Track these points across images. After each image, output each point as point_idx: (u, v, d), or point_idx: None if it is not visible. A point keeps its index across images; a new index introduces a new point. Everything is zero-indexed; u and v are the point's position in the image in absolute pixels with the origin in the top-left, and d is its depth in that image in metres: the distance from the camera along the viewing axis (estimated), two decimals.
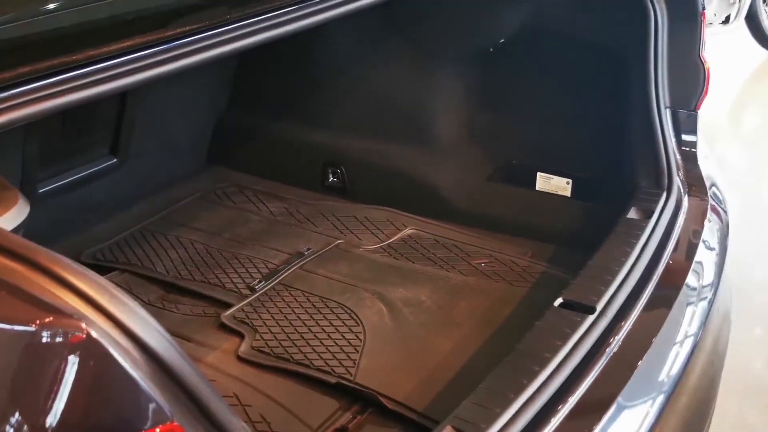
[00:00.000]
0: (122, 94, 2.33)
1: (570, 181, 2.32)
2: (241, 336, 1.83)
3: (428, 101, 2.40)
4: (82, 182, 2.39)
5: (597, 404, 1.38)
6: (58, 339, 0.73)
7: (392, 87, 2.43)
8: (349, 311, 1.89)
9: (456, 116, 2.41)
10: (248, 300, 1.96)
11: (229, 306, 1.95)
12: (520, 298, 1.94)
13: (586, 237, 1.92)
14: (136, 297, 2.03)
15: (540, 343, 1.46)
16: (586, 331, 1.49)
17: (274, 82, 2.64)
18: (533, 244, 2.17)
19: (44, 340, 0.73)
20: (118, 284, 2.06)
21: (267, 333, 1.83)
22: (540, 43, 2.26)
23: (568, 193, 2.32)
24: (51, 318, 0.75)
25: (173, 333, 1.87)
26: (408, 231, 2.28)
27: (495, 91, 2.37)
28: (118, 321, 0.81)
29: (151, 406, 0.74)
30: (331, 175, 2.54)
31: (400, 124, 2.43)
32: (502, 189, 2.34)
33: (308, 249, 2.19)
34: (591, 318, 1.51)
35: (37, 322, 0.73)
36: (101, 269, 2.15)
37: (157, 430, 0.73)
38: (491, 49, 2.32)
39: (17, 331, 0.74)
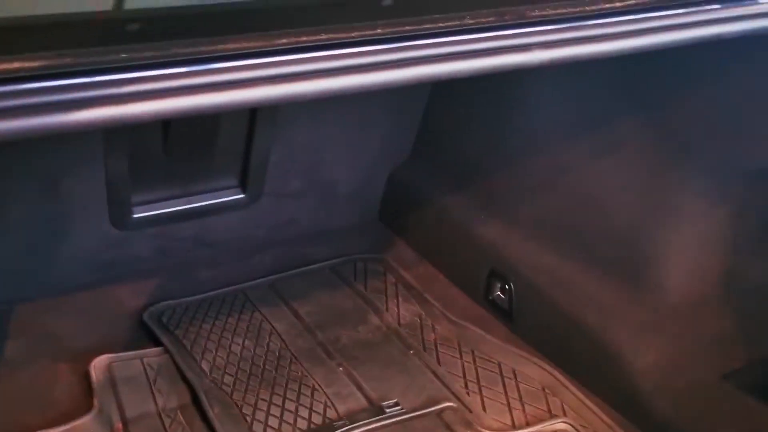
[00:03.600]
0: (251, 120, 1.81)
1: None
2: None
3: (661, 227, 1.51)
4: (197, 215, 1.93)
5: None
6: None
7: (612, 191, 1.58)
8: None
9: (700, 260, 1.48)
10: None
11: None
12: None
13: None
14: (153, 396, 1.50)
15: None
16: None
17: (461, 143, 1.93)
18: None
19: None
20: (147, 369, 1.56)
21: None
22: None
23: None
24: None
25: None
26: (559, 424, 1.44)
27: None
28: None
29: None
30: (497, 289, 1.76)
31: (609, 251, 1.57)
32: (754, 404, 1.37)
33: (396, 403, 1.47)
34: None
35: None
36: (151, 336, 1.67)
37: None
38: None
39: None
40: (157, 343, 1.65)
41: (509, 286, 1.71)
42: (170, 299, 1.80)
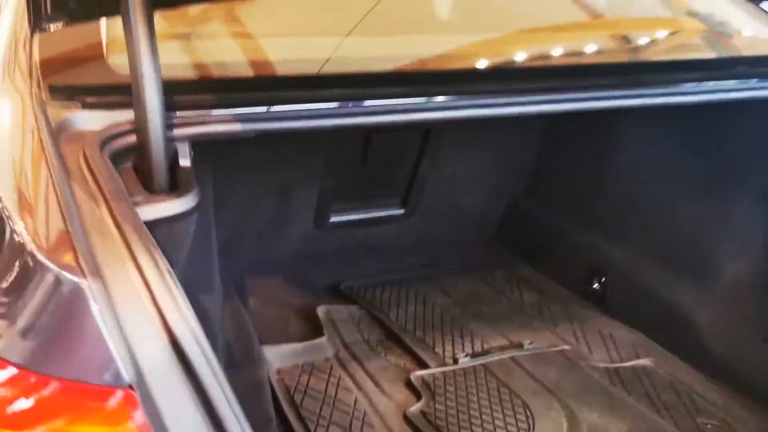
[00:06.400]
0: (419, 155, 2.54)
1: None
2: (420, 398, 1.86)
3: (715, 232, 2.17)
4: (370, 223, 2.65)
5: None
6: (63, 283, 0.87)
7: (677, 205, 2.25)
8: (529, 415, 1.80)
9: (747, 257, 2.13)
10: (444, 368, 1.97)
11: (426, 367, 1.99)
12: None
13: None
14: (360, 332, 2.18)
15: None
16: None
17: (568, 178, 2.63)
18: None
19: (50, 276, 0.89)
20: (352, 316, 2.25)
21: (441, 405, 1.83)
22: None
23: None
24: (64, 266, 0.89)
25: (369, 374, 1.99)
26: (645, 361, 2.08)
27: None
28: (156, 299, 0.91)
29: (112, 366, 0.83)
30: (594, 282, 2.42)
31: (676, 249, 2.23)
32: None
33: (531, 343, 2.13)
34: None
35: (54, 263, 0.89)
36: (349, 300, 2.37)
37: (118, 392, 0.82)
38: None
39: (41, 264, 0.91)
40: (352, 303, 2.34)
41: (604, 279, 2.38)
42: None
